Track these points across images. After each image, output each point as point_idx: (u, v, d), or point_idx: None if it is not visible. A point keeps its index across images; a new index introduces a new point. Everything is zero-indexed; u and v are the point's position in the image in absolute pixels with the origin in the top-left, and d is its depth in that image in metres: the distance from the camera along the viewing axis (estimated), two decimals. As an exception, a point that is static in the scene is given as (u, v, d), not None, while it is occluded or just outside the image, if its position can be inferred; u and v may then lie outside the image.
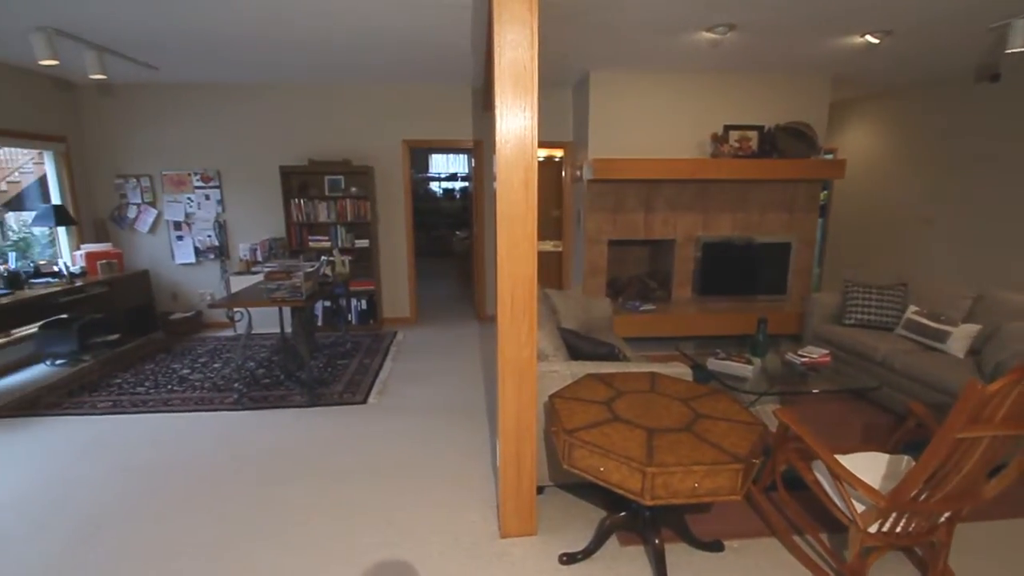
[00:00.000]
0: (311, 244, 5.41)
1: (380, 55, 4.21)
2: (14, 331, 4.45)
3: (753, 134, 4.84)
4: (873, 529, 1.77)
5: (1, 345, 4.33)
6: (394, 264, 5.76)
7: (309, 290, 3.75)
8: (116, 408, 3.60)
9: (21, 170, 7.03)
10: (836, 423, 3.33)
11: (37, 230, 5.44)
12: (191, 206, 5.45)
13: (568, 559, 2.08)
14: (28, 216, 5.48)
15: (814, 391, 2.89)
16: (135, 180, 5.37)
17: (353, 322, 5.60)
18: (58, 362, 4.54)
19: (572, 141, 5.56)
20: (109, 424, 3.37)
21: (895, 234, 5.49)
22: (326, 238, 5.41)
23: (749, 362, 3.06)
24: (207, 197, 5.45)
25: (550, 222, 6.59)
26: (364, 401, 3.69)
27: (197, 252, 5.54)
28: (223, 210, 5.50)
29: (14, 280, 4.24)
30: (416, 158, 9.92)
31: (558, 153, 6.18)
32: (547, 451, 2.41)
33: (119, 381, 4.10)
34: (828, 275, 6.49)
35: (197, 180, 5.41)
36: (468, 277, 7.67)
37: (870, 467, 2.04)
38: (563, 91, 5.47)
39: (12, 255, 4.75)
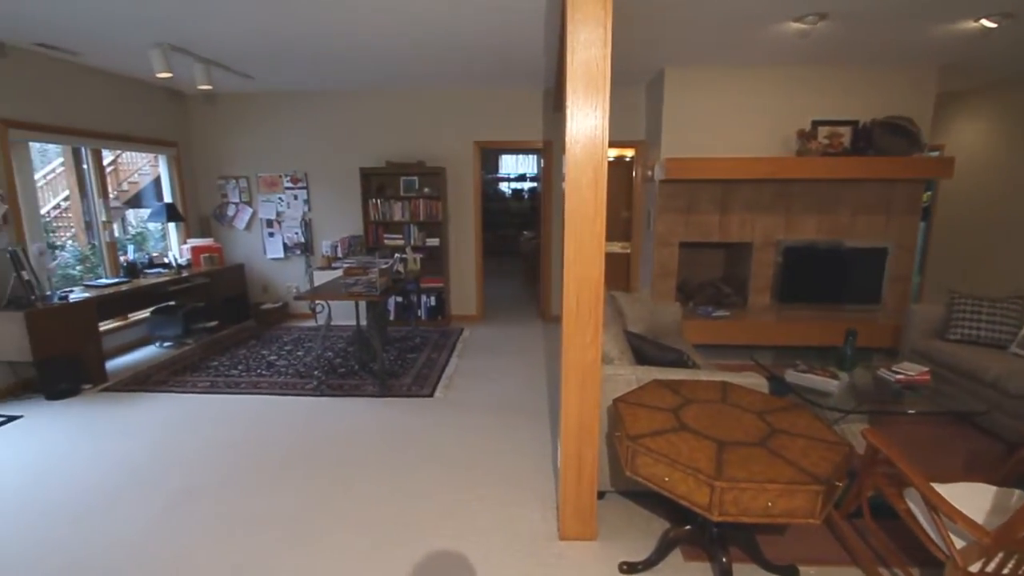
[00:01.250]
0: (386, 242, 5.67)
1: (455, 60, 4.33)
2: (131, 315, 5.03)
3: (846, 130, 4.48)
4: (974, 569, 1.59)
5: (120, 327, 4.89)
6: (463, 262, 5.90)
7: (383, 286, 3.93)
8: (213, 388, 3.96)
9: (139, 172, 7.92)
10: (935, 449, 3.01)
11: (152, 225, 6.11)
12: (281, 205, 5.89)
13: (628, 568, 2.04)
14: (144, 213, 6.17)
15: (910, 412, 2.63)
16: (234, 181, 5.88)
17: (423, 318, 5.80)
18: (165, 344, 5.07)
19: (644, 140, 5.42)
20: (206, 402, 3.71)
21: (1012, 241, 4.87)
22: (400, 236, 5.65)
23: (834, 376, 2.84)
24: (295, 197, 5.86)
25: (619, 223, 6.47)
26: (431, 395, 3.81)
27: (285, 248, 5.97)
28: (309, 209, 5.89)
29: (132, 270, 4.79)
30: (486, 159, 10.10)
31: (629, 153, 6.05)
32: (609, 456, 2.38)
33: (216, 364, 4.51)
34: (930, 284, 5.88)
35: (287, 181, 5.83)
36: (534, 277, 7.70)
37: (973, 499, 1.83)
38: (635, 89, 5.35)
39: (131, 247, 5.37)
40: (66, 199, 6.72)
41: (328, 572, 2.05)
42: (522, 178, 12.03)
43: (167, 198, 5.66)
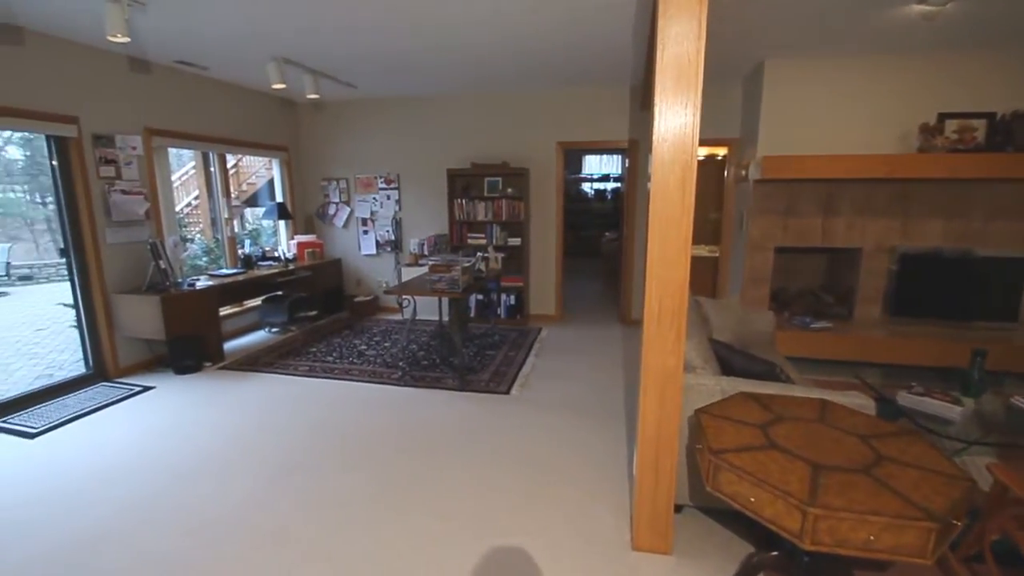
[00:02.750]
0: (469, 241, 5.84)
1: (543, 62, 4.36)
2: (245, 302, 5.60)
3: (980, 123, 3.94)
4: None
5: (236, 313, 5.46)
6: (543, 262, 5.93)
7: (465, 283, 4.05)
8: (311, 372, 4.31)
9: (256, 174, 8.78)
10: (1088, 494, 2.56)
11: (265, 222, 6.76)
12: (375, 205, 6.27)
13: (705, 587, 1.94)
14: (259, 211, 6.84)
15: (1054, 449, 2.27)
16: (335, 182, 6.34)
17: (502, 316, 5.90)
18: (273, 330, 5.59)
19: (738, 138, 5.13)
20: (305, 385, 4.05)
21: None
22: (482, 236, 5.79)
23: (957, 401, 2.51)
24: (388, 197, 6.21)
25: (707, 225, 6.16)
26: (507, 392, 3.88)
27: (377, 245, 6.35)
28: (400, 209, 6.22)
29: (247, 262, 5.33)
30: (570, 159, 10.06)
31: (720, 151, 5.75)
32: (689, 468, 2.28)
33: (314, 350, 4.90)
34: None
35: (381, 182, 6.19)
36: (615, 279, 7.55)
37: None
38: (730, 84, 5.06)
39: (247, 242, 5.97)
40: (196, 198, 7.61)
41: (402, 552, 2.16)
42: (605, 178, 11.86)
43: (279, 198, 6.23)
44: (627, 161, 5.76)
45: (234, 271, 5.07)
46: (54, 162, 3.84)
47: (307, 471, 2.80)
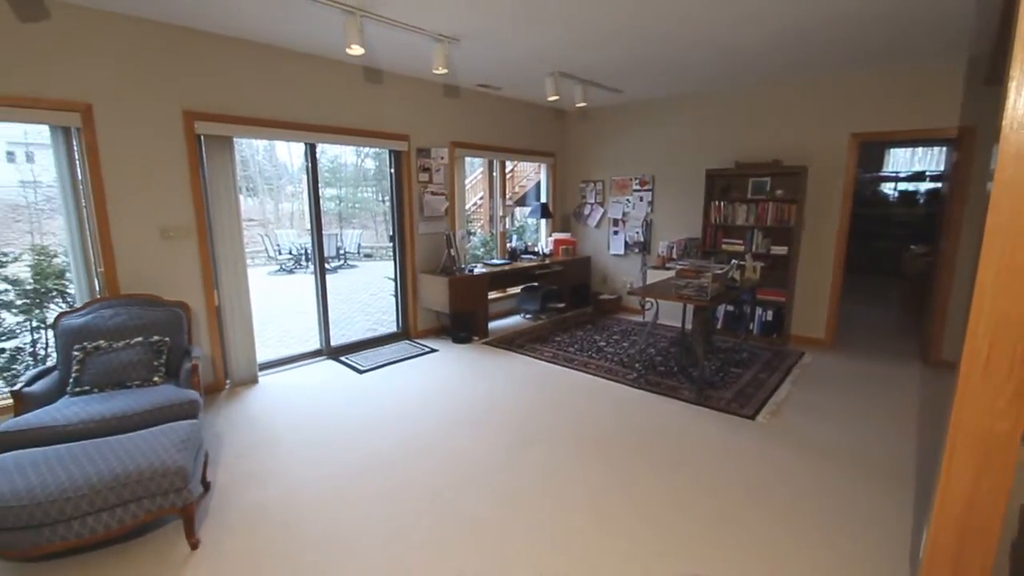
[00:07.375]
0: (724, 246, 5.41)
1: (834, 40, 3.72)
2: (508, 289, 6.40)
3: None
4: None
5: (501, 298, 6.30)
6: (814, 276, 5.09)
7: (714, 292, 3.79)
8: (554, 359, 4.68)
9: (527, 178, 9.88)
10: None
11: (529, 220, 7.57)
12: (628, 206, 6.37)
13: None
14: (526, 210, 7.69)
15: None
16: (592, 184, 6.68)
17: (754, 332, 5.31)
18: (527, 316, 6.26)
19: None
20: (547, 369, 4.43)
21: None
22: (740, 242, 5.29)
23: None
24: (640, 199, 6.23)
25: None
26: (752, 417, 3.49)
27: (626, 245, 6.45)
28: (651, 210, 6.17)
29: (513, 254, 6.08)
30: (866, 154, 8.30)
31: None
32: (1012, 570, 1.68)
33: (558, 339, 5.30)
34: None
35: (636, 184, 6.25)
36: (919, 305, 5.97)
37: None
38: None
39: (514, 236, 6.80)
40: (480, 198, 9.00)
41: (617, 551, 2.18)
42: (918, 177, 9.40)
43: (543, 198, 6.90)
44: (955, 155, 4.46)
45: (502, 262, 5.85)
46: (392, 170, 5.08)
47: (541, 448, 3.07)
